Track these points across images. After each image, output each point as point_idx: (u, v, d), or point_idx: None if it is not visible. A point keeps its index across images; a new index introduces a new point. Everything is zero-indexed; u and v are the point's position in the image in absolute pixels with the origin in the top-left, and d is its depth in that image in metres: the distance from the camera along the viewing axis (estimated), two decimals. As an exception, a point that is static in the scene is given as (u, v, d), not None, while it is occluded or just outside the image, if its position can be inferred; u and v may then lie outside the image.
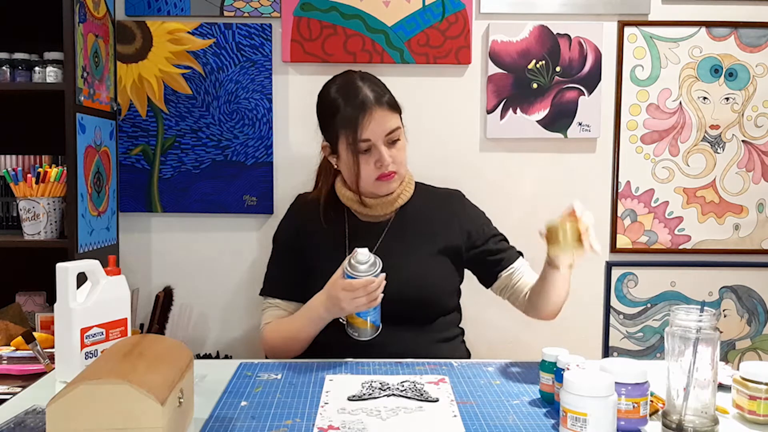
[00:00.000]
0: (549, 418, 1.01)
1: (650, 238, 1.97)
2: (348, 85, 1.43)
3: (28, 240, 1.71)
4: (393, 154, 1.41)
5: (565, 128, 1.93)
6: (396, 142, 1.42)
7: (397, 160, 1.42)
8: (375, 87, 1.42)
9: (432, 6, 1.90)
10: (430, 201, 1.53)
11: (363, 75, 1.45)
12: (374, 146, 1.40)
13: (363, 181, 1.43)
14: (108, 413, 0.80)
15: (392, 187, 1.45)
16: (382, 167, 1.40)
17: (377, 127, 1.39)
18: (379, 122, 1.39)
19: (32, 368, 1.34)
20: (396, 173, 1.42)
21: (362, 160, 1.41)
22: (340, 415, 1.00)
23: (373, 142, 1.39)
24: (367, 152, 1.40)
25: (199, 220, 1.97)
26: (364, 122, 1.38)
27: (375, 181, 1.42)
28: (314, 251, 1.48)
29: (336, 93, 1.43)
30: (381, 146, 1.39)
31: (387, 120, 1.40)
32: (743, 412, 1.00)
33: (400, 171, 1.44)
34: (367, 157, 1.41)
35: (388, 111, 1.40)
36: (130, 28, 1.90)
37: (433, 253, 1.46)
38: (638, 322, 1.99)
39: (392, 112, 1.41)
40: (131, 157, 1.94)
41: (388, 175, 1.41)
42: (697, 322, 0.95)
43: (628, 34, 1.93)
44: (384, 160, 1.39)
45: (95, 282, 1.19)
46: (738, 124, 1.95)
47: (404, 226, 1.49)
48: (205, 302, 1.98)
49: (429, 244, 1.47)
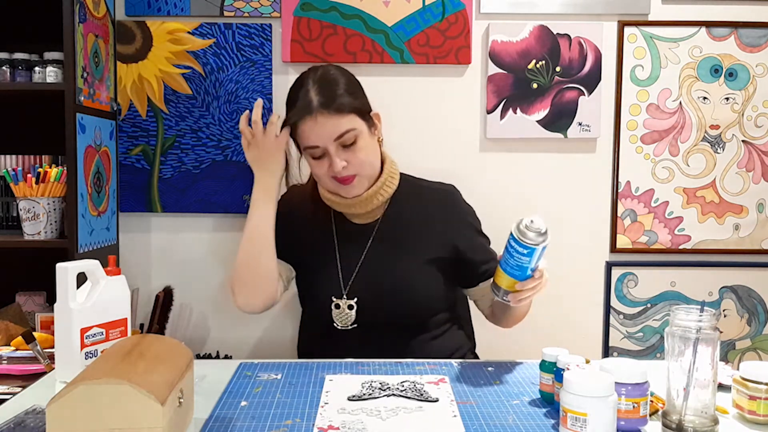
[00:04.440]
0: (549, 418, 1.01)
1: (650, 238, 1.97)
2: (298, 87, 1.39)
3: (28, 240, 1.71)
4: (348, 157, 1.36)
5: (565, 128, 1.93)
6: (352, 145, 1.36)
7: (354, 162, 1.36)
8: (325, 89, 1.35)
9: (432, 6, 1.90)
10: (420, 200, 1.49)
11: (321, 75, 1.38)
12: (323, 152, 1.36)
13: (323, 183, 1.42)
14: (108, 413, 0.80)
15: (354, 192, 1.40)
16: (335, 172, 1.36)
17: (323, 132, 1.34)
18: (325, 127, 1.34)
19: (32, 368, 1.34)
20: (356, 176, 1.38)
21: (316, 164, 1.39)
22: (340, 415, 1.00)
23: (322, 148, 1.36)
24: (321, 158, 1.38)
25: (199, 220, 1.97)
26: (307, 129, 1.35)
27: (332, 180, 1.39)
28: (300, 242, 1.48)
29: (291, 92, 1.41)
30: (331, 151, 1.35)
31: (334, 124, 1.33)
32: (743, 412, 1.00)
33: (361, 173, 1.38)
34: (321, 162, 1.38)
35: (335, 115, 1.33)
36: (130, 28, 1.90)
37: (420, 259, 1.44)
38: (638, 322, 1.99)
39: (343, 115, 1.34)
40: (131, 157, 1.94)
41: (344, 180, 1.38)
42: (697, 322, 0.95)
43: (628, 34, 1.93)
44: (334, 166, 1.35)
45: (95, 282, 1.19)
46: (738, 124, 1.95)
47: (392, 229, 1.46)
48: (205, 302, 1.98)
49: (416, 251, 1.44)
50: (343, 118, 1.34)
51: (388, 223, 1.47)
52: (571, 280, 1.98)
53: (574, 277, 1.99)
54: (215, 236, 1.97)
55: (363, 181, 1.40)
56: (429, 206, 1.48)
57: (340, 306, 1.41)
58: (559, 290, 1.98)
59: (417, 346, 1.40)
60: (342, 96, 1.36)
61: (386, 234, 1.45)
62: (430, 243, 1.45)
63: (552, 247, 1.95)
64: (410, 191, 1.50)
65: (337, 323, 1.41)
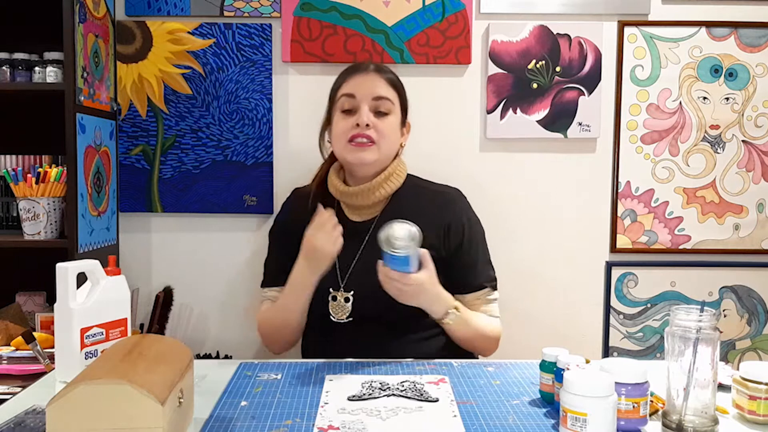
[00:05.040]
0: (549, 418, 1.01)
1: (650, 238, 1.97)
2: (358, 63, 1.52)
3: (28, 240, 1.71)
4: (375, 123, 1.42)
5: (565, 128, 1.93)
6: (385, 116, 1.44)
7: (379, 129, 1.42)
8: (383, 66, 1.49)
9: (432, 6, 1.90)
10: (421, 200, 1.49)
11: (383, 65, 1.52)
12: (357, 106, 1.42)
13: (336, 140, 1.45)
14: (108, 413, 0.80)
15: (365, 157, 1.42)
16: (358, 127, 1.41)
17: (365, 86, 1.43)
18: (369, 83, 1.43)
19: (32, 368, 1.34)
20: (373, 143, 1.42)
21: (342, 117, 1.45)
22: (340, 415, 1.00)
23: (356, 101, 1.42)
24: (350, 112, 1.44)
25: (199, 220, 1.97)
26: (354, 78, 1.45)
27: (348, 143, 1.42)
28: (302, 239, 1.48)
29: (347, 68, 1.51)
30: (364, 106, 1.42)
31: (378, 85, 1.44)
32: (743, 412, 1.00)
33: (380, 143, 1.42)
34: (348, 118, 1.44)
35: (383, 80, 1.45)
36: (130, 28, 1.90)
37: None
38: (638, 322, 1.99)
39: (389, 86, 1.45)
40: (131, 157, 1.94)
41: (362, 138, 1.41)
42: (697, 322, 0.95)
43: (628, 34, 1.93)
44: (361, 118, 1.40)
45: (95, 282, 1.19)
46: (738, 124, 1.95)
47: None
48: (205, 302, 1.98)
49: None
50: (388, 87, 1.46)
51: (385, 219, 1.46)
52: (571, 280, 1.98)
53: (574, 277, 1.99)
54: (215, 236, 1.97)
55: (376, 152, 1.43)
56: (427, 207, 1.48)
57: (337, 298, 1.43)
58: (559, 290, 1.98)
59: (411, 343, 1.40)
60: (397, 81, 1.49)
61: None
62: (424, 244, 1.44)
63: (552, 247, 1.98)
64: (412, 191, 1.50)
65: (333, 316, 1.43)
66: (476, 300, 1.47)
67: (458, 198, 1.53)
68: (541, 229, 1.97)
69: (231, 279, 1.98)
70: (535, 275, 1.97)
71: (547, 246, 1.97)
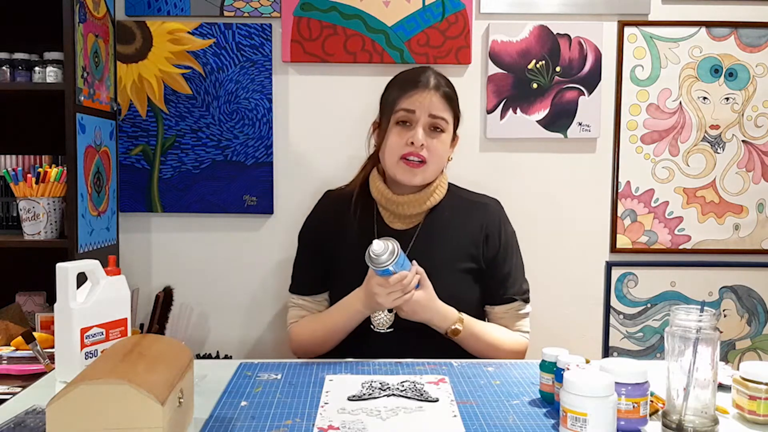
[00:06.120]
0: (549, 418, 1.01)
1: (650, 238, 1.97)
2: (418, 69, 1.48)
3: (28, 240, 1.71)
4: (429, 141, 1.41)
5: (565, 128, 1.93)
6: (439, 133, 1.42)
7: (431, 149, 1.41)
8: (444, 80, 1.46)
9: (432, 6, 1.90)
10: (459, 211, 1.50)
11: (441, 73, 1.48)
12: (414, 121, 1.41)
13: (388, 153, 1.43)
14: (108, 413, 0.80)
15: (416, 180, 1.42)
16: (412, 146, 1.39)
17: (423, 104, 1.41)
18: (428, 102, 1.41)
19: (32, 368, 1.34)
20: (425, 164, 1.41)
21: (396, 130, 1.42)
22: (340, 415, 1.00)
23: (414, 116, 1.41)
24: (405, 125, 1.42)
25: (199, 220, 1.97)
26: (413, 94, 1.41)
27: (399, 161, 1.41)
28: (341, 244, 1.48)
29: (405, 73, 1.49)
30: (419, 124, 1.40)
31: (436, 104, 1.41)
32: (743, 412, 1.00)
33: (430, 163, 1.41)
34: (402, 130, 1.42)
35: (441, 99, 1.42)
36: (130, 28, 1.90)
37: (455, 269, 1.44)
38: (638, 322, 1.99)
39: (446, 105, 1.43)
40: (131, 157, 1.94)
41: (414, 158, 1.40)
42: (697, 322, 0.95)
43: (628, 34, 1.93)
44: (416, 138, 1.39)
45: (95, 282, 1.19)
46: (738, 124, 1.95)
47: (431, 238, 1.46)
48: (205, 302, 1.98)
49: (452, 260, 1.45)
50: (444, 105, 1.44)
51: (426, 229, 1.47)
52: (571, 280, 1.98)
53: (574, 277, 1.99)
54: (215, 236, 1.97)
55: (426, 173, 1.43)
56: (466, 217, 1.49)
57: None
58: (559, 290, 1.98)
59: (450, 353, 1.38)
60: (453, 94, 1.47)
61: (425, 240, 1.46)
62: (464, 254, 1.46)
63: (552, 247, 1.98)
64: (452, 202, 1.50)
65: (374, 325, 1.41)
66: (505, 313, 1.48)
67: (496, 209, 1.54)
68: (541, 229, 1.97)
69: (231, 279, 1.98)
70: (535, 275, 1.97)
71: (547, 246, 1.97)
